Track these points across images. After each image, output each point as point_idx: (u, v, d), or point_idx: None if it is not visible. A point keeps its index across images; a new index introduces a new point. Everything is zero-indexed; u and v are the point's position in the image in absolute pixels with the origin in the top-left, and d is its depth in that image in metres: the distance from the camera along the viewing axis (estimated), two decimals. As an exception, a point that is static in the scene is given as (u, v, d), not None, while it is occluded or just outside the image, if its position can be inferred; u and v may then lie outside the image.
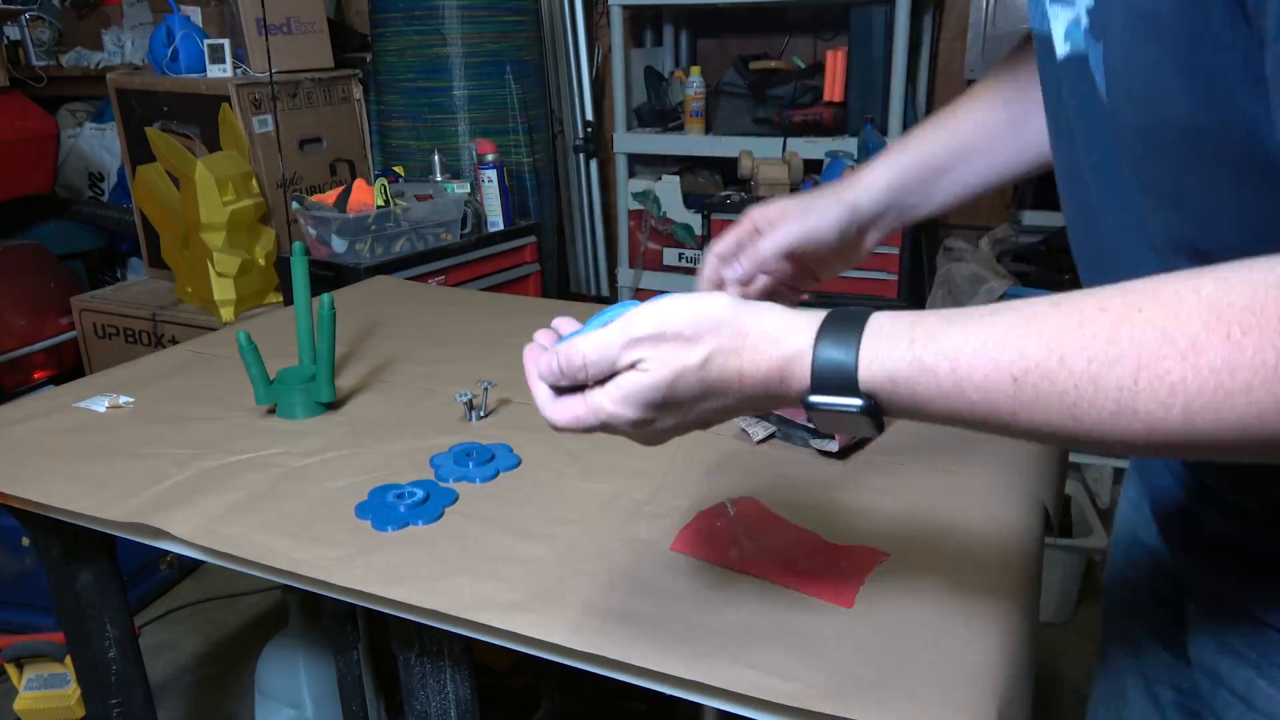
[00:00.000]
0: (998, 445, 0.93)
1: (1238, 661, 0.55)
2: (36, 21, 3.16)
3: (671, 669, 0.61)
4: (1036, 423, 0.43)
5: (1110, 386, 0.40)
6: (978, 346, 0.44)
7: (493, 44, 2.52)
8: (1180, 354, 0.38)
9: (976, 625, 0.65)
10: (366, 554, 0.76)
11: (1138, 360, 0.39)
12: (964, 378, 0.44)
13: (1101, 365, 0.40)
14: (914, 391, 0.46)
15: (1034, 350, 0.42)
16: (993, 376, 0.43)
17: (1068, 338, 0.41)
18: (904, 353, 0.46)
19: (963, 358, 0.44)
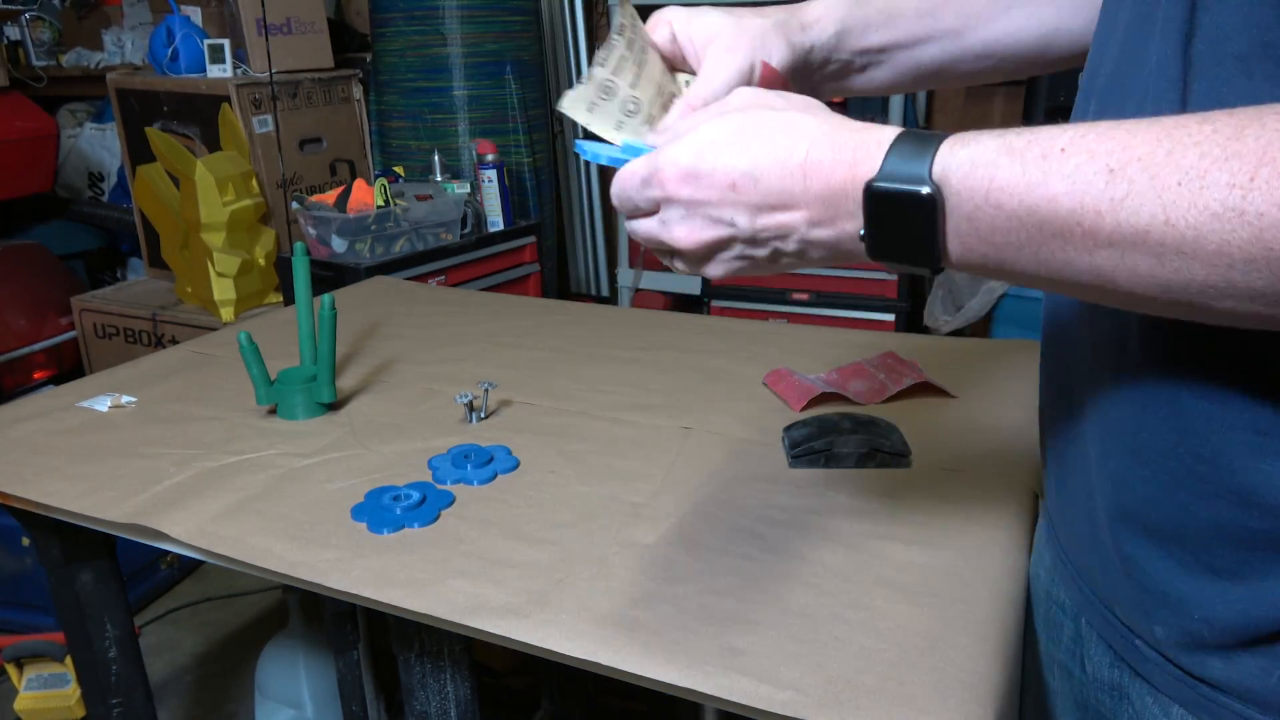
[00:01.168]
0: (997, 444, 0.93)
1: (1133, 677, 0.55)
2: (36, 21, 3.16)
3: (666, 677, 0.61)
4: (1123, 228, 0.37)
5: (1220, 183, 0.34)
6: (1075, 137, 0.38)
7: (493, 44, 2.52)
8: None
9: (975, 631, 0.65)
10: (363, 557, 0.76)
11: (1260, 156, 0.34)
12: (1053, 165, 0.38)
13: (1215, 160, 0.35)
14: (993, 179, 0.40)
15: (1138, 143, 0.37)
16: (1085, 167, 0.38)
17: (1181, 132, 0.36)
18: (993, 137, 0.41)
19: (1056, 143, 0.39)
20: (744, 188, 0.47)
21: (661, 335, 1.28)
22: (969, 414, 1.01)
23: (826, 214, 0.46)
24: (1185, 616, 0.49)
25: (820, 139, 0.45)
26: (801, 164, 0.45)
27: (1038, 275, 0.41)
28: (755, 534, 0.78)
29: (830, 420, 0.93)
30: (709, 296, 2.47)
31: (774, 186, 0.46)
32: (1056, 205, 0.38)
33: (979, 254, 0.42)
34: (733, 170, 0.47)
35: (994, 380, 1.09)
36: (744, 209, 0.47)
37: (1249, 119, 0.35)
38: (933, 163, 0.42)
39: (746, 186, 0.47)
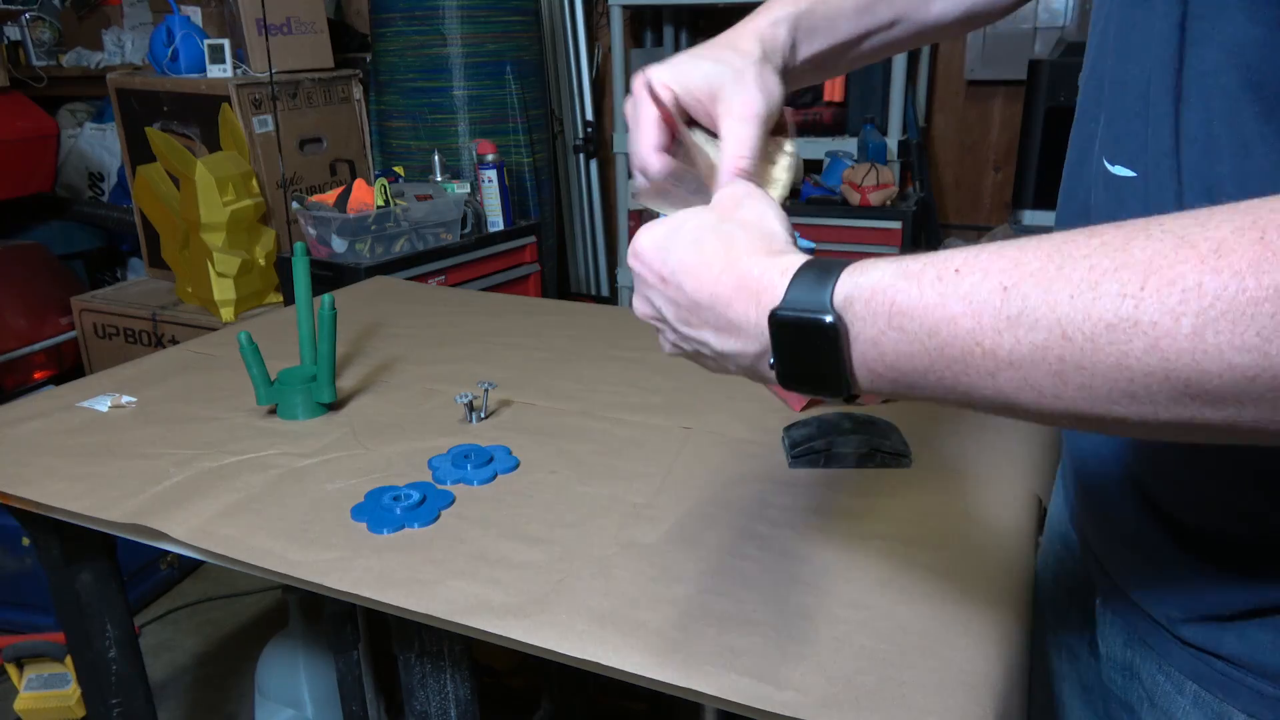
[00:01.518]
0: (998, 443, 0.93)
1: (1147, 654, 0.56)
2: (37, 21, 3.16)
3: (666, 677, 0.61)
4: (1021, 345, 0.36)
5: (1111, 294, 0.34)
6: (968, 258, 0.39)
7: (493, 44, 2.52)
8: (1200, 257, 0.32)
9: (975, 631, 0.65)
10: (362, 557, 0.76)
11: (1148, 266, 0.33)
12: (949, 286, 0.39)
13: (1105, 272, 0.34)
14: (894, 303, 0.40)
15: (1030, 259, 0.37)
16: (980, 285, 0.38)
17: (1071, 247, 0.36)
18: (890, 262, 0.42)
19: (950, 265, 0.39)
20: (671, 284, 0.49)
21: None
22: (969, 414, 1.01)
23: (735, 338, 0.47)
24: (1199, 592, 0.50)
25: (737, 263, 0.46)
26: (714, 280, 0.47)
27: (947, 399, 0.41)
28: (755, 534, 0.78)
29: (830, 420, 0.93)
30: (709, 296, 2.47)
31: (688, 294, 0.48)
32: (956, 326, 0.38)
33: (887, 380, 0.42)
34: (668, 263, 0.49)
35: (994, 380, 1.09)
36: (670, 304, 0.50)
37: (1136, 230, 0.35)
38: (834, 290, 0.42)
39: (672, 283, 0.49)
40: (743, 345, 0.47)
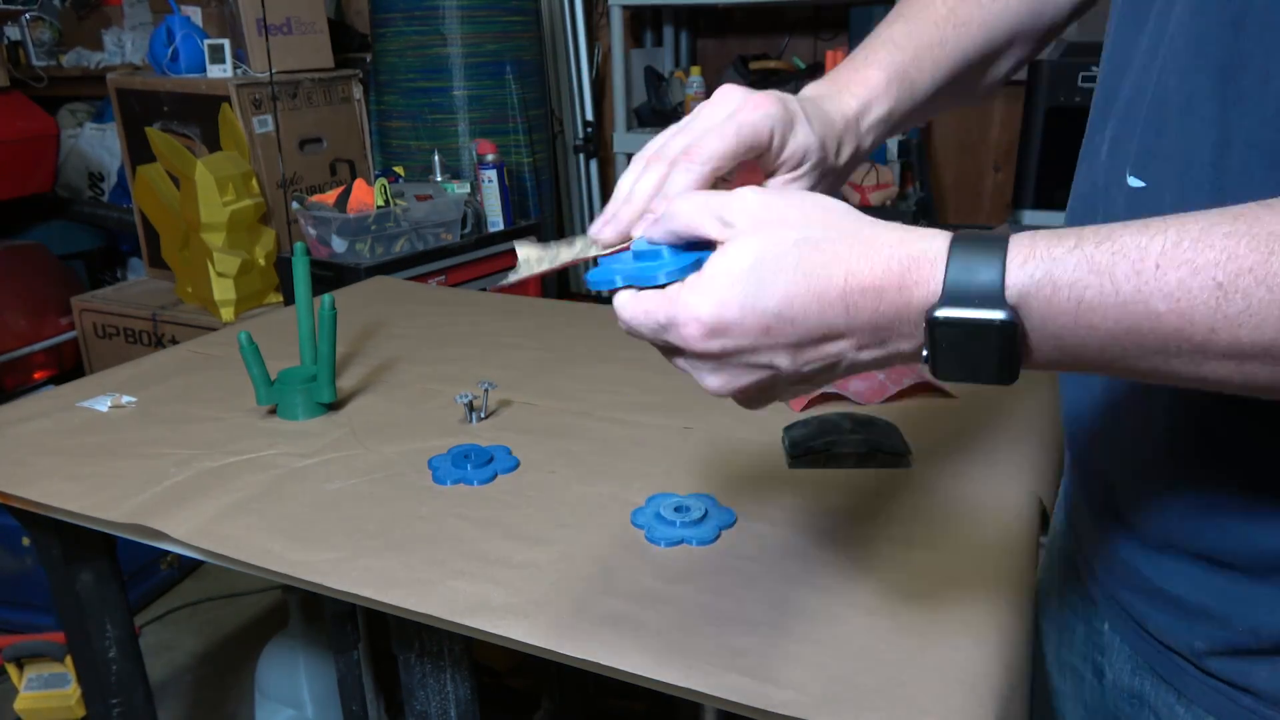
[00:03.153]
0: (998, 443, 0.93)
1: (1159, 685, 0.54)
2: (36, 21, 3.16)
3: (666, 677, 0.61)
4: (1242, 344, 0.34)
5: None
6: (1167, 247, 0.35)
7: (493, 44, 2.52)
8: None
9: (975, 631, 0.65)
10: (363, 557, 0.76)
11: None
12: (1148, 282, 0.34)
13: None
14: (1081, 300, 0.36)
15: (1244, 251, 0.33)
16: (1189, 281, 0.34)
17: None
18: (1069, 250, 0.36)
19: (1147, 257, 0.35)
20: (779, 330, 0.41)
21: (661, 335, 1.28)
22: (969, 414, 1.01)
23: (877, 339, 0.41)
24: (1229, 629, 0.48)
25: (858, 260, 0.39)
26: (841, 293, 0.39)
27: (1128, 373, 0.38)
28: (755, 534, 0.78)
29: (830, 420, 0.93)
30: (709, 296, 2.47)
31: (813, 323, 0.40)
32: (1160, 323, 0.35)
33: (1064, 365, 0.39)
34: (764, 314, 0.40)
35: (994, 380, 1.09)
36: (783, 350, 0.42)
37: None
38: (1003, 283, 0.37)
39: (781, 328, 0.41)
40: (893, 348, 0.41)
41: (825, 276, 0.39)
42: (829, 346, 0.41)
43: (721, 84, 0.54)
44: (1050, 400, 1.06)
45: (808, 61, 2.74)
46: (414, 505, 0.84)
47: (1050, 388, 1.09)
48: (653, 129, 2.85)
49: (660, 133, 0.53)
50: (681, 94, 2.74)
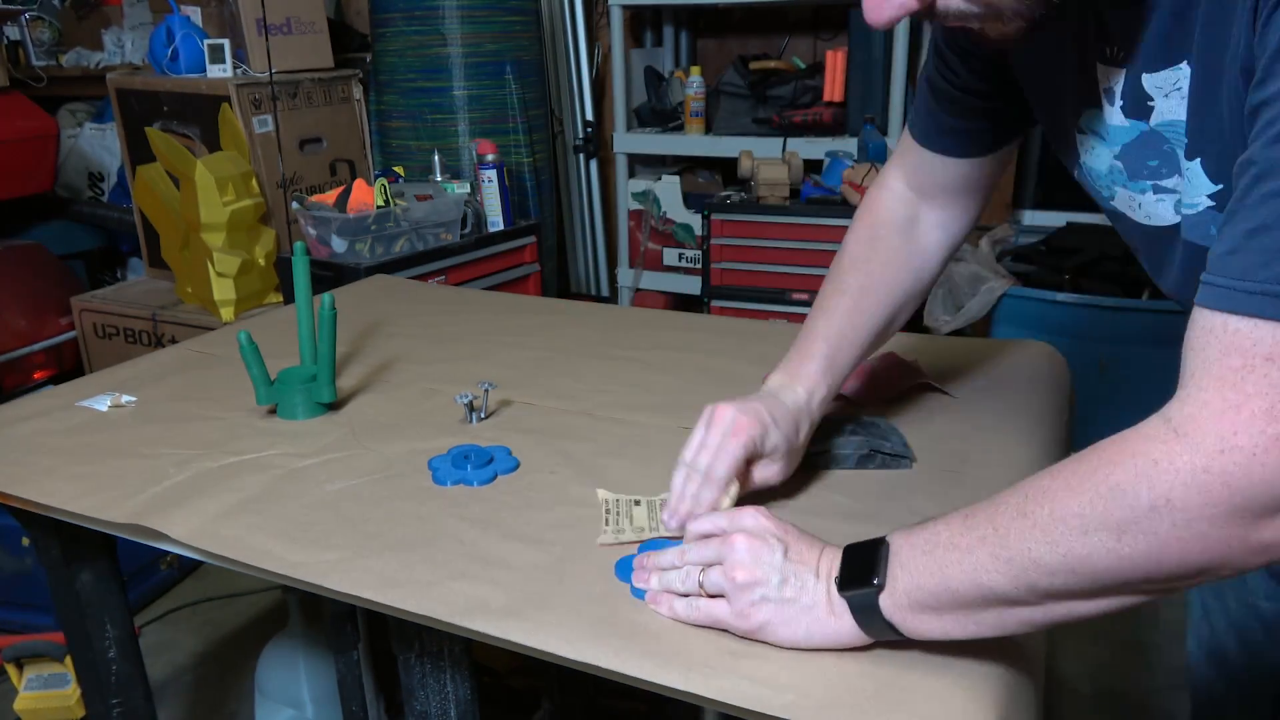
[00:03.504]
0: (999, 444, 0.93)
1: None
2: (36, 21, 3.16)
3: (666, 679, 0.61)
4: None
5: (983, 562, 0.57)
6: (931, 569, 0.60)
7: (493, 44, 2.52)
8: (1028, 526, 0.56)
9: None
10: (363, 557, 0.76)
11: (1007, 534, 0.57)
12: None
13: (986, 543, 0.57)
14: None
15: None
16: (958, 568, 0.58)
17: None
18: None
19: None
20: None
21: (661, 335, 1.28)
22: (969, 414, 1.01)
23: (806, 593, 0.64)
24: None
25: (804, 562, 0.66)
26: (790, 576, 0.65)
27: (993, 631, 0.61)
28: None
29: (830, 420, 0.93)
30: (709, 296, 2.47)
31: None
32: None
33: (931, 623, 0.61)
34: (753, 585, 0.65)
35: (994, 380, 1.09)
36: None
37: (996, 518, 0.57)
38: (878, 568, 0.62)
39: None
40: None
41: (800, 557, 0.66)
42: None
43: (722, 84, 0.62)
44: (1051, 400, 1.06)
45: (807, 61, 2.74)
46: (414, 506, 0.84)
47: (1049, 389, 1.09)
48: (653, 129, 2.85)
49: (692, 434, 0.80)
50: (681, 94, 2.74)
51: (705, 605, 0.65)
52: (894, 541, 0.62)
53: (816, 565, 0.64)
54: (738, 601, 0.64)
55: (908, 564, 0.60)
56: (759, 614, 0.63)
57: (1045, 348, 1.19)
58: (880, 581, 0.60)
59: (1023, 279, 2.19)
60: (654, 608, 0.68)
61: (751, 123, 2.63)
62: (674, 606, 0.67)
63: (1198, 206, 0.65)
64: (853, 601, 0.61)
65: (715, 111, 2.69)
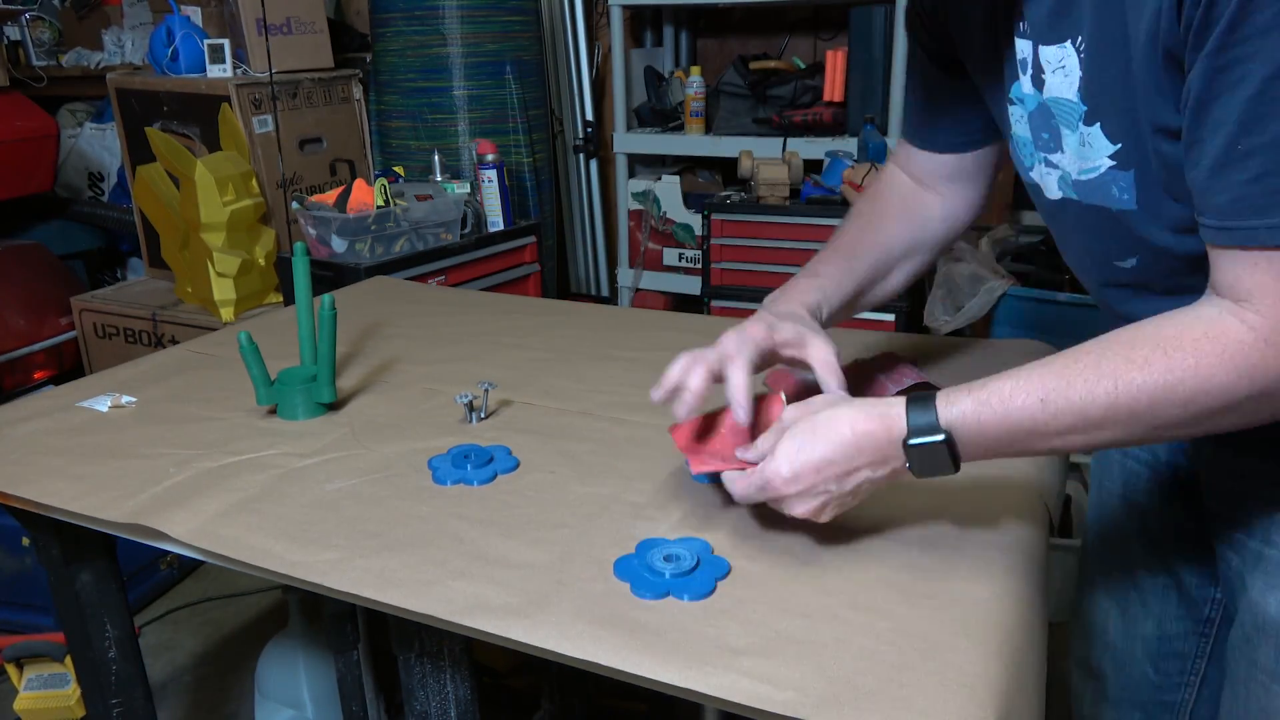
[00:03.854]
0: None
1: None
2: (36, 21, 3.16)
3: (666, 677, 0.61)
4: (1062, 424, 0.64)
5: (1101, 394, 0.63)
6: (1014, 386, 0.66)
7: (493, 44, 2.52)
8: (1139, 365, 0.62)
9: (975, 633, 0.65)
10: (362, 557, 0.76)
11: (1115, 378, 0.63)
12: (1008, 405, 0.65)
13: (1091, 383, 0.63)
14: (980, 420, 0.66)
15: (1050, 381, 0.65)
16: (1027, 403, 0.65)
17: (1068, 370, 0.64)
18: (966, 398, 0.67)
19: (1004, 393, 0.66)
20: (825, 469, 0.69)
21: (661, 335, 1.28)
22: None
23: (881, 461, 0.69)
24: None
25: (858, 420, 0.69)
26: (854, 440, 0.69)
27: (1031, 451, 0.69)
28: (755, 534, 0.78)
29: (830, 420, 0.92)
30: (709, 296, 2.47)
31: (843, 459, 0.69)
32: (1022, 423, 0.65)
33: (984, 455, 0.68)
34: (817, 460, 0.69)
35: (994, 380, 1.09)
36: (832, 480, 0.69)
37: (1100, 351, 0.64)
38: (937, 420, 0.67)
39: (827, 467, 0.69)
40: (891, 466, 0.69)
41: (842, 433, 0.69)
42: (857, 475, 0.70)
43: (722, 84, 0.70)
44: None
45: (808, 61, 2.74)
46: (414, 505, 0.84)
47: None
48: (653, 129, 2.85)
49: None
50: (681, 94, 2.74)
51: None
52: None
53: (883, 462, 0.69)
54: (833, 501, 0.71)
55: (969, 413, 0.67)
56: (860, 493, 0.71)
57: (1045, 348, 1.20)
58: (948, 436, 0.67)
59: (1023, 279, 2.19)
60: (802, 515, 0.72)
61: (751, 123, 2.63)
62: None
63: (1099, 169, 0.72)
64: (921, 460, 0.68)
65: (715, 111, 2.69)
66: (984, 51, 0.81)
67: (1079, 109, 0.71)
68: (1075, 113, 0.71)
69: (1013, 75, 0.78)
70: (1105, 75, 0.68)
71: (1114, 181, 0.71)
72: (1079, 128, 0.72)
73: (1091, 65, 0.69)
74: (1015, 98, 0.79)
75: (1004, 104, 0.81)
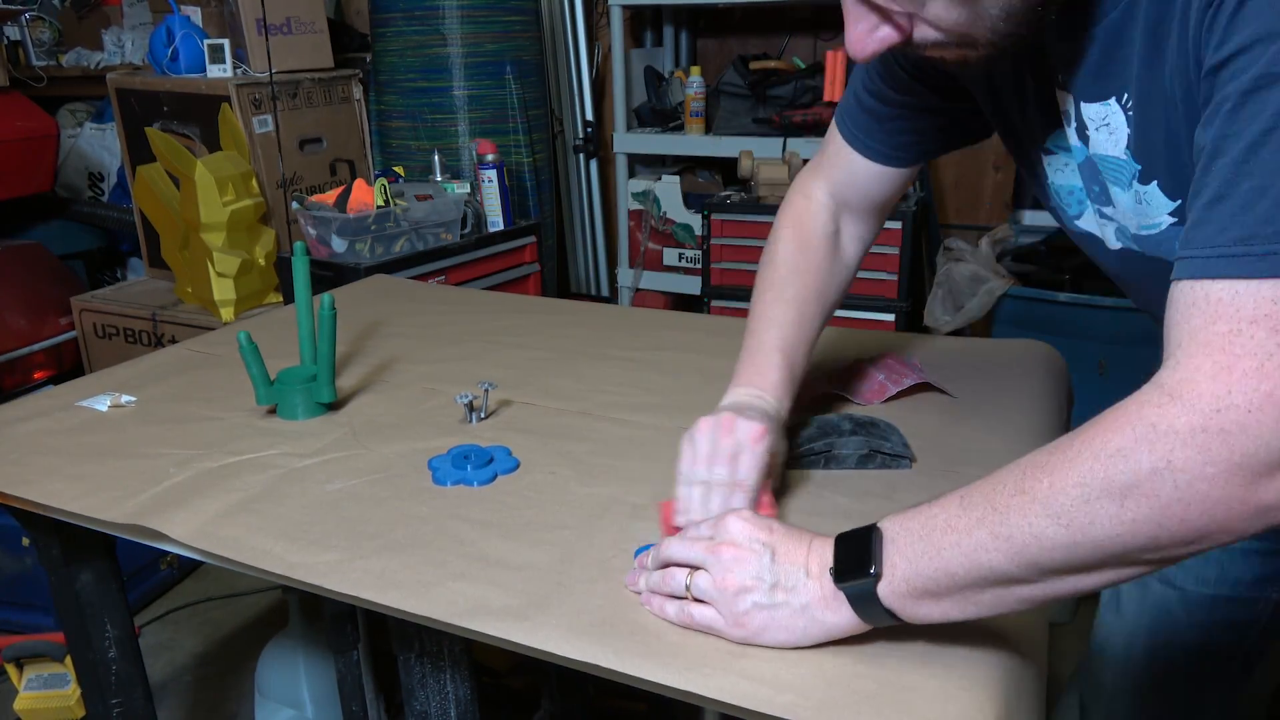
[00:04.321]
0: (999, 444, 0.93)
1: None
2: (36, 21, 3.16)
3: (666, 679, 0.61)
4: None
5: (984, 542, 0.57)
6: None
7: (493, 44, 2.52)
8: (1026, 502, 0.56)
9: (974, 638, 0.64)
10: (362, 558, 0.76)
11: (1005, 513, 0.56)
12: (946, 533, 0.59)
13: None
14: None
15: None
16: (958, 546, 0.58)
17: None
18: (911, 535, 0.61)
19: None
20: (762, 575, 0.66)
21: (661, 335, 1.28)
22: (969, 414, 1.01)
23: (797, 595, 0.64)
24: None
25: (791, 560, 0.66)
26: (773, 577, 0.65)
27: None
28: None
29: (830, 421, 0.93)
30: (709, 296, 2.47)
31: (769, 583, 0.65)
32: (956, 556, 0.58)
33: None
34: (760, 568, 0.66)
35: (994, 380, 1.09)
36: (766, 574, 0.65)
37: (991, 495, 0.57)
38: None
39: (764, 575, 0.66)
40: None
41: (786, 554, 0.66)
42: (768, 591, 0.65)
43: (722, 84, 0.66)
44: (1050, 400, 1.05)
45: (808, 61, 2.74)
46: (414, 506, 0.84)
47: (1049, 389, 1.09)
48: (653, 129, 2.85)
49: (692, 449, 0.80)
50: (681, 94, 2.74)
51: (697, 611, 0.65)
52: (887, 528, 0.62)
53: (806, 563, 0.64)
54: (729, 610, 0.64)
55: (905, 550, 0.59)
56: (753, 621, 0.63)
57: (1045, 348, 1.19)
58: (877, 570, 0.60)
59: (1023, 279, 2.19)
60: (646, 607, 0.68)
61: (751, 123, 2.62)
62: (664, 609, 0.67)
63: (1160, 225, 0.69)
64: (850, 592, 0.61)
65: (715, 111, 2.69)
66: (1011, 97, 0.77)
67: (1131, 168, 0.68)
68: (1127, 171, 0.69)
69: (1051, 124, 0.75)
70: (1155, 134, 0.65)
71: (1176, 238, 0.66)
72: (1133, 186, 0.69)
73: (1142, 123, 0.66)
74: (1055, 147, 0.76)
75: (1034, 150, 0.78)
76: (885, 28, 0.63)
